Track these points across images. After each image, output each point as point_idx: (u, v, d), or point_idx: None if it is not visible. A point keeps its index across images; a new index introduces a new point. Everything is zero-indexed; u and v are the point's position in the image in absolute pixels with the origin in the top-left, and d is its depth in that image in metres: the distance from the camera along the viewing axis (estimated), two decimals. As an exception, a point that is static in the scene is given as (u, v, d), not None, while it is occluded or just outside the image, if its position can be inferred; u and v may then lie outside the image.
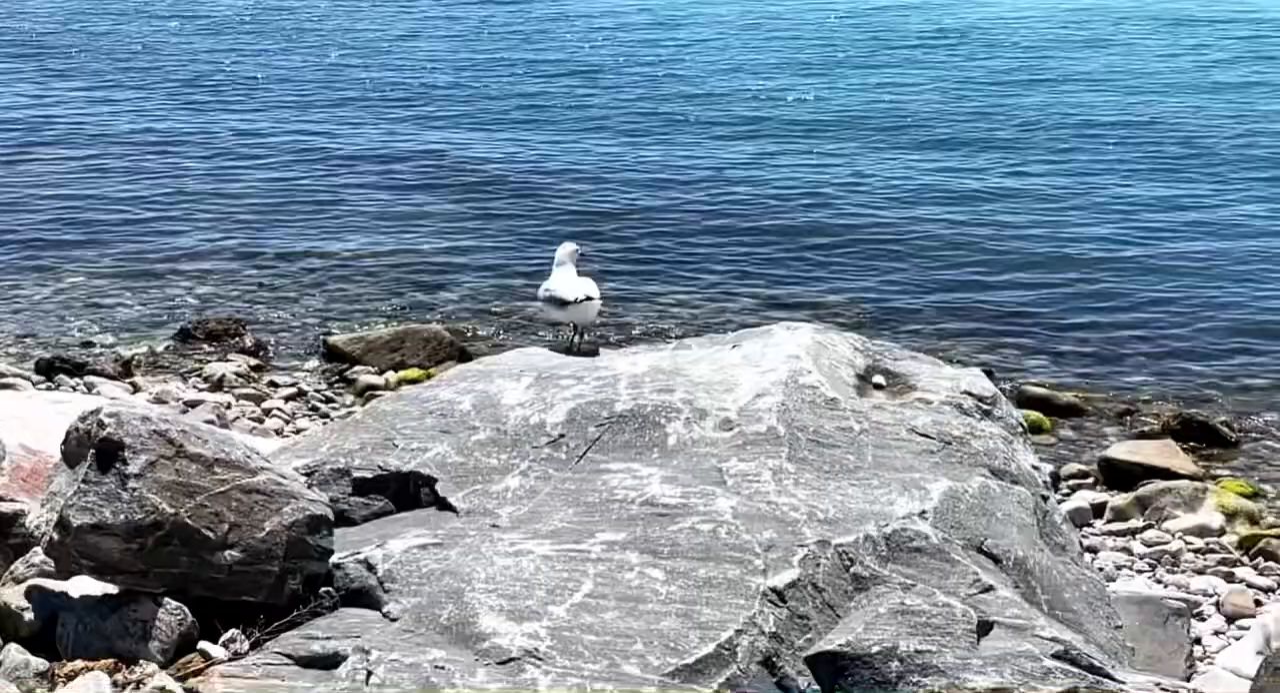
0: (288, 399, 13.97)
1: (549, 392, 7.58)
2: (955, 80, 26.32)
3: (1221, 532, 11.45)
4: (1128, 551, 11.21)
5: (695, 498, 6.73)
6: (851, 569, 6.42)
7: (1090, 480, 12.50)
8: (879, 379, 7.91)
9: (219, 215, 19.15)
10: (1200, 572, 10.90)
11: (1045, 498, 7.47)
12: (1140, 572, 10.88)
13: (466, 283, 16.96)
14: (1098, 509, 11.87)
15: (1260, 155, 21.39)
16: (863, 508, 6.71)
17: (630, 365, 7.79)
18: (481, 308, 16.36)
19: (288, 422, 13.30)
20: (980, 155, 21.55)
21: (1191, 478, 12.22)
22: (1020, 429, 7.91)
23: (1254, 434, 13.43)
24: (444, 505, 7.05)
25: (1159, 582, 10.68)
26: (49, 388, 13.60)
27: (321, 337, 15.39)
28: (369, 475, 7.28)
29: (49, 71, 26.98)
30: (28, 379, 13.77)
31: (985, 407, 7.74)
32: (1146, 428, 13.45)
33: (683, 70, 27.21)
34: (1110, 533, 11.56)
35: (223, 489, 6.42)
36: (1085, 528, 11.38)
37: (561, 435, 7.30)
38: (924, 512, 6.73)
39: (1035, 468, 7.63)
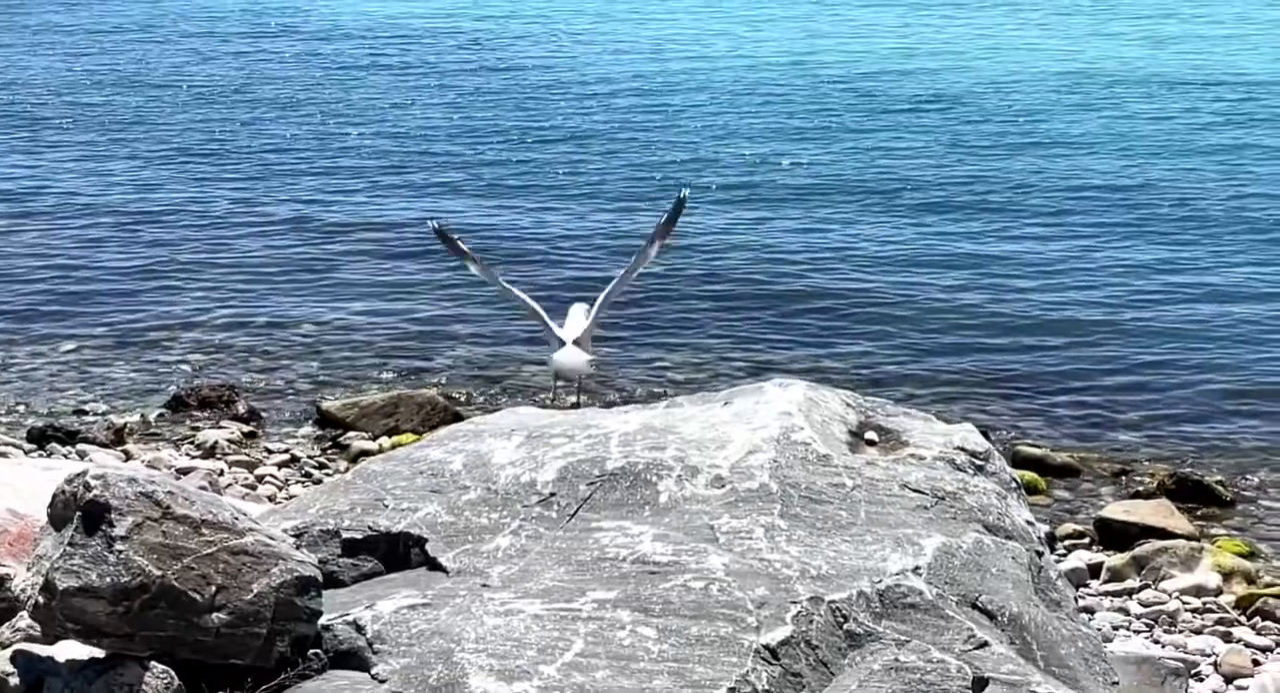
0: (281, 466, 13.93)
1: (540, 450, 7.54)
2: (948, 145, 26.37)
3: (1218, 591, 11.40)
4: (1125, 611, 11.17)
5: (687, 555, 6.69)
6: (845, 626, 6.38)
7: (1086, 541, 12.47)
8: (871, 435, 7.88)
9: (213, 284, 19.14)
10: (1198, 632, 10.86)
11: (1040, 553, 7.44)
12: (1138, 632, 10.84)
13: (461, 348, 16.96)
14: (1094, 569, 11.83)
15: (1253, 218, 21.41)
16: (856, 564, 6.68)
17: (622, 423, 7.77)
18: (476, 373, 16.36)
19: (281, 488, 13.26)
20: (973, 219, 21.56)
21: (1187, 538, 12.18)
22: (1014, 485, 7.88)
23: (1249, 494, 13.41)
24: (434, 566, 7.00)
25: (1156, 642, 10.63)
26: (41, 456, 13.55)
27: (315, 403, 15.35)
28: (358, 536, 7.24)
29: (41, 142, 27.00)
30: (19, 448, 13.73)
31: (978, 462, 7.71)
32: (1141, 488, 13.43)
33: (676, 136, 27.26)
34: (1107, 593, 11.52)
35: (210, 551, 6.39)
36: (1082, 588, 11.33)
37: (553, 494, 7.26)
38: (918, 568, 6.70)
39: (1029, 524, 7.61)
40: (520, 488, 7.33)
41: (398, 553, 7.19)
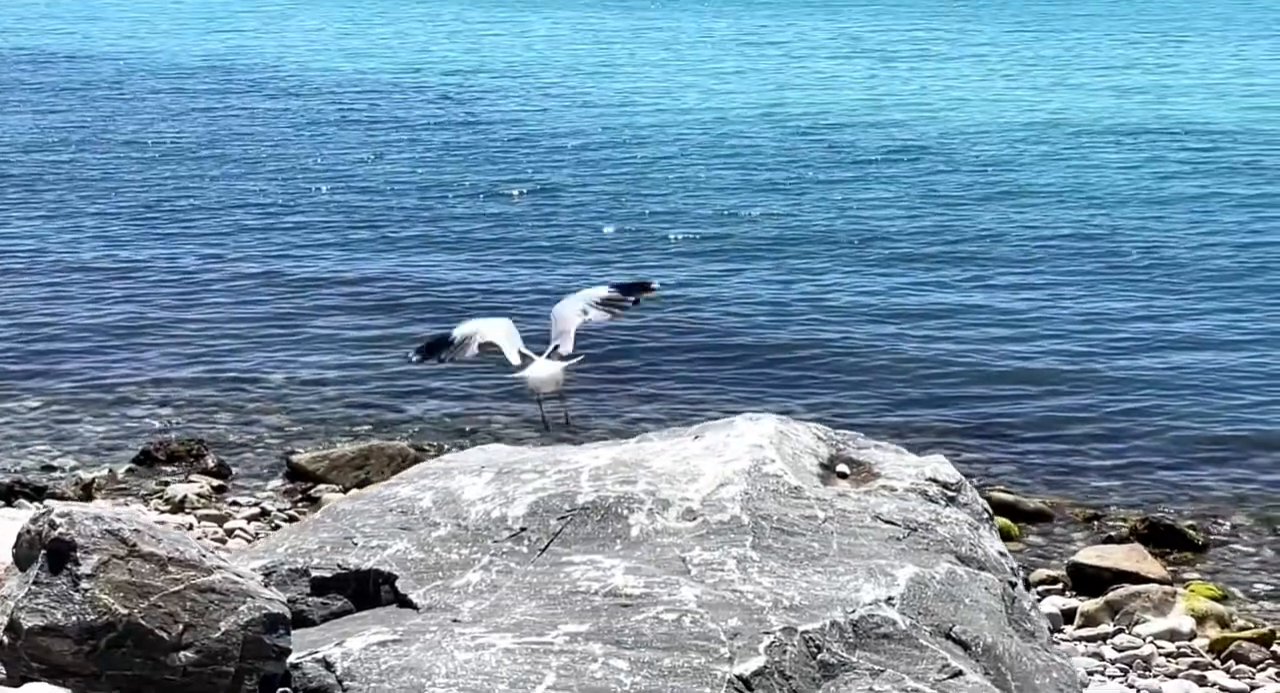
0: (250, 519, 13.83)
1: (510, 486, 7.51)
2: (917, 195, 26.46)
3: (1192, 635, 11.36)
4: (1099, 656, 11.12)
5: (659, 588, 6.66)
6: (819, 656, 6.35)
7: (1059, 586, 12.42)
8: (843, 468, 7.86)
9: (182, 339, 19.05)
10: (1172, 676, 10.81)
11: (1013, 584, 7.42)
12: (1112, 677, 10.79)
13: (432, 400, 16.88)
14: (1068, 615, 11.78)
15: (1220, 266, 21.49)
16: (829, 595, 6.64)
17: (592, 458, 7.74)
18: (447, 424, 16.27)
19: (250, 542, 13.17)
20: (943, 270, 21.59)
21: (1161, 582, 12.14)
22: (986, 516, 7.86)
23: (1221, 538, 13.38)
24: (405, 602, 6.96)
25: (1131, 687, 10.59)
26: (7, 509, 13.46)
27: (285, 455, 15.27)
28: (328, 574, 7.19)
29: (8, 200, 26.94)
30: (-14, 504, 13.62)
31: (950, 493, 7.69)
32: (1114, 533, 13.38)
33: (645, 189, 27.28)
34: (1081, 638, 11.47)
35: (177, 589, 6.33)
36: (1056, 634, 11.29)
37: (523, 529, 7.23)
38: (891, 598, 6.67)
39: (1002, 554, 7.59)
40: (491, 523, 7.30)
41: (367, 591, 7.14)
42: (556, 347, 9.24)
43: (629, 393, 16.98)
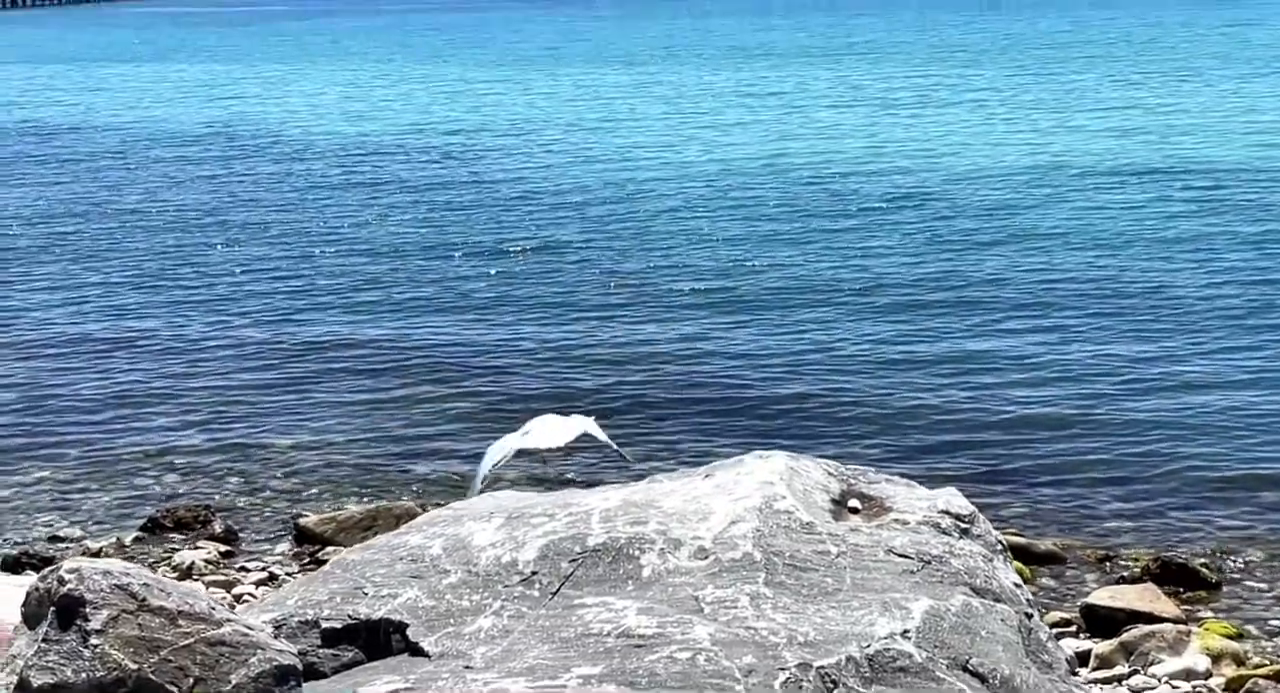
0: (259, 584, 13.77)
1: (520, 530, 7.47)
2: (920, 242, 26.46)
3: (1208, 674, 11.28)
4: (1116, 698, 11.05)
5: (672, 627, 6.61)
6: (835, 691, 6.29)
7: (1073, 628, 12.34)
8: (854, 503, 7.81)
9: (187, 406, 19.01)
10: (1189, 716, 10.76)
11: (1029, 615, 7.36)
12: (1129, 718, 10.73)
13: (438, 461, 16.83)
14: (1083, 657, 11.67)
15: (1227, 306, 21.43)
16: (844, 629, 6.59)
17: (602, 500, 7.70)
18: (454, 485, 16.19)
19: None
20: (949, 316, 21.55)
21: (1175, 621, 12.07)
22: (1000, 547, 7.81)
23: (1234, 576, 13.30)
24: (416, 651, 6.92)
25: (1149, 728, 10.52)
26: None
27: (292, 519, 15.20)
28: (338, 625, 7.14)
29: (13, 273, 26.97)
30: (-7, 576, 13.56)
31: (963, 525, 7.64)
32: (1126, 573, 13.30)
33: (650, 243, 27.30)
34: (1096, 681, 11.37)
35: (187, 642, 6.28)
36: (1072, 677, 11.19)
37: (534, 573, 7.19)
38: (906, 631, 6.62)
39: (1017, 586, 7.53)
40: (501, 568, 7.25)
41: (379, 641, 7.09)
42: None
43: (636, 444, 16.92)
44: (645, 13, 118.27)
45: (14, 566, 13.94)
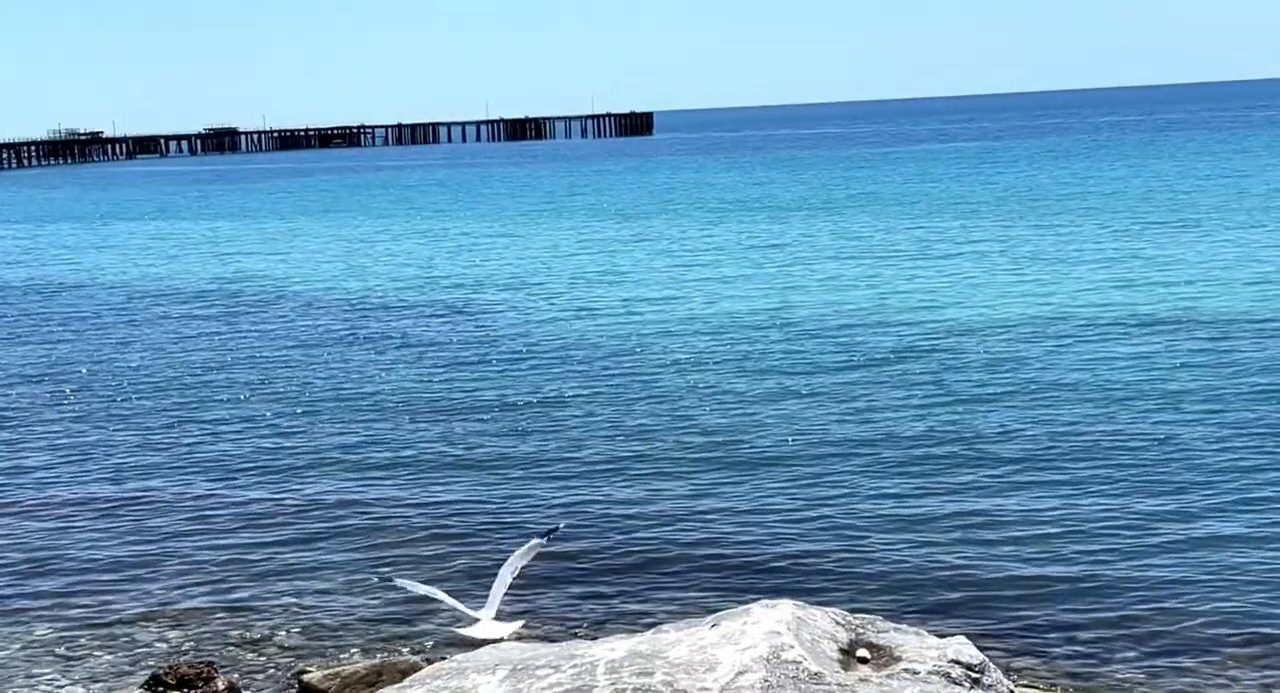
0: (262, 740, 13.67)
1: (524, 683, 7.35)
2: (926, 395, 26.38)
3: None
4: None
5: (681, 781, 6.50)
6: None
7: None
8: (863, 652, 7.71)
9: (191, 565, 18.94)
10: None
11: (1045, 765, 7.25)
12: None
13: (442, 614, 16.71)
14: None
15: (1236, 463, 21.25)
16: (856, 781, 6.48)
17: (608, 651, 7.59)
18: (459, 638, 16.02)
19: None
20: (956, 470, 21.42)
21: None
22: (1013, 696, 7.71)
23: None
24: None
25: None
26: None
27: (296, 674, 15.06)
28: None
29: (15, 434, 26.97)
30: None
31: (974, 674, 7.54)
32: (1141, 725, 13.23)
33: (654, 396, 27.29)
34: None
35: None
36: None
37: (538, 727, 7.08)
38: (919, 784, 6.51)
39: (1032, 735, 7.43)
40: (505, 723, 7.14)
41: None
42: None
43: (641, 598, 16.82)
44: (646, 166, 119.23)
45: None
